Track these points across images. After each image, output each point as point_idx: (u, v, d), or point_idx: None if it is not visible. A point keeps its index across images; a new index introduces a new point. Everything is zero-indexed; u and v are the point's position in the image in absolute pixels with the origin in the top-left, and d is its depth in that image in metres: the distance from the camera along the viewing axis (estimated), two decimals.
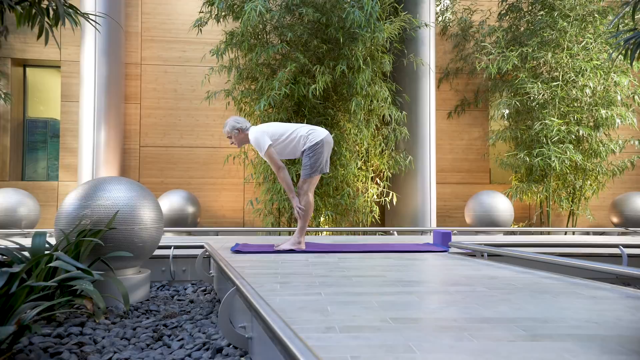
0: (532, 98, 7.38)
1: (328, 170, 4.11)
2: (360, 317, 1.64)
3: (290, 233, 6.83)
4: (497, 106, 7.49)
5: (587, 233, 7.37)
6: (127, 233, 2.73)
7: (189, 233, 7.27)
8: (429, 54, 7.57)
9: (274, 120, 6.76)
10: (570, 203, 7.28)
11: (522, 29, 7.91)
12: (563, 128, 6.78)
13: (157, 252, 3.62)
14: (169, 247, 3.55)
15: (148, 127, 8.47)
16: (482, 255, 3.59)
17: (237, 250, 3.86)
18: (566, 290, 2.14)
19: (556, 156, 6.66)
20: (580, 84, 6.76)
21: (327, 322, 1.58)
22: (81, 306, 2.35)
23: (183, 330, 2.24)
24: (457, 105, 9.22)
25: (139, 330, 2.15)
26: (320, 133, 3.99)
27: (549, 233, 7.39)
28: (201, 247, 3.51)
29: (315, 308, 1.79)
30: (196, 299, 3.11)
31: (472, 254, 3.77)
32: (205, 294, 3.34)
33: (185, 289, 3.48)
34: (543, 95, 7.01)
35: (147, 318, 2.48)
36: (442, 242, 4.41)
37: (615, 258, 4.11)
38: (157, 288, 3.47)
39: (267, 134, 3.92)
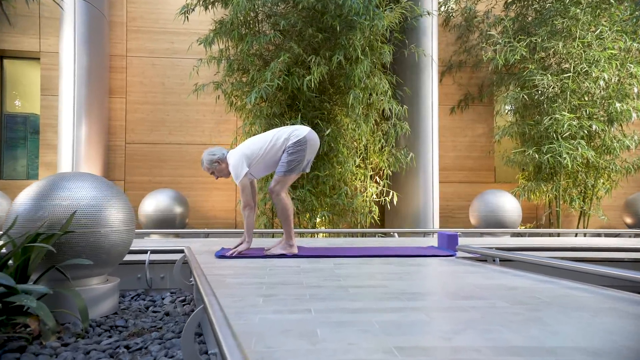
0: (540, 91, 7.08)
1: (309, 170, 3.80)
2: (358, 346, 1.32)
3: None
4: (504, 100, 7.18)
5: (599, 235, 7.07)
6: (90, 237, 2.41)
7: (177, 235, 6.95)
8: (431, 44, 7.25)
9: (266, 115, 6.44)
10: (582, 203, 6.97)
11: (530, 18, 7.60)
12: (574, 123, 6.46)
13: (132, 257, 3.30)
14: (145, 252, 3.23)
15: (134, 122, 8.15)
16: (494, 261, 3.28)
17: (221, 255, 3.54)
18: (603, 306, 1.82)
19: (567, 153, 6.35)
20: (593, 75, 6.44)
21: (315, 353, 1.26)
22: (25, 326, 2.03)
23: (147, 353, 1.92)
24: (461, 100, 8.92)
25: (92, 355, 1.83)
26: (303, 130, 3.69)
27: (558, 235, 7.08)
28: (181, 251, 3.19)
29: (301, 331, 1.47)
30: (172, 311, 2.79)
31: (482, 258, 3.46)
32: (184, 305, 3.02)
33: (163, 299, 3.16)
34: (553, 87, 6.70)
35: (110, 337, 2.16)
36: (448, 246, 4.10)
37: (634, 263, 3.80)
38: (132, 298, 3.15)
39: (245, 158, 3.63)
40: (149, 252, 3.20)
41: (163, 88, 8.25)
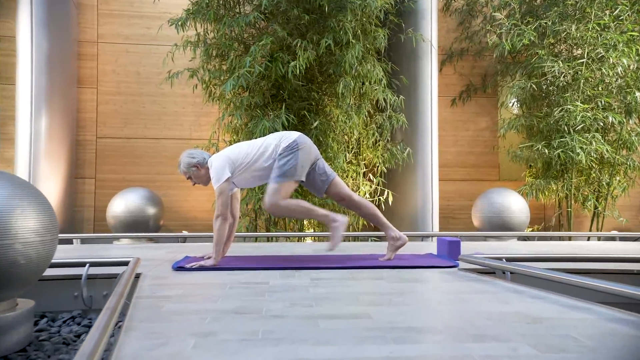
0: (550, 80, 6.58)
1: (304, 179, 3.29)
2: None
3: (269, 239, 6.02)
4: (510, 90, 6.66)
5: (613, 238, 6.58)
6: None
7: (150, 239, 6.44)
8: (430, 28, 6.75)
9: (248, 106, 5.93)
10: (595, 202, 6.48)
11: (539, 0, 7.09)
12: (589, 114, 5.97)
13: (68, 271, 2.79)
14: (82, 265, 2.71)
15: (106, 115, 7.61)
16: (504, 273, 2.78)
17: (180, 266, 3.03)
18: None
19: (581, 147, 5.86)
20: (611, 61, 5.94)
21: None
22: None
23: None
24: (462, 92, 8.42)
25: None
26: (294, 134, 3.29)
27: (569, 239, 6.60)
28: (124, 264, 2.68)
29: None
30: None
31: (489, 270, 2.97)
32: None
33: None
34: (564, 76, 6.20)
35: None
36: (449, 254, 3.60)
37: None
38: (64, 322, 2.64)
39: (229, 162, 3.19)
40: (87, 264, 2.69)
41: (138, 78, 7.72)
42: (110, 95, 7.62)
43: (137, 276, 2.76)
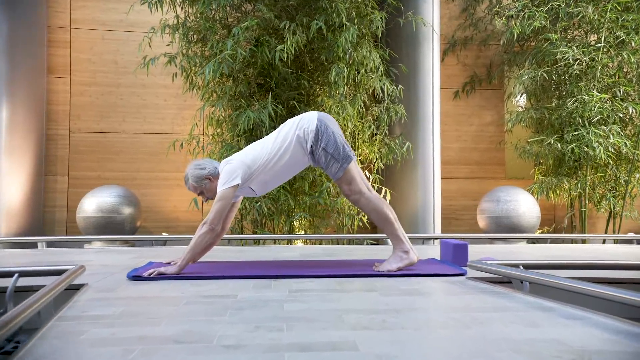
0: (562, 69, 6.17)
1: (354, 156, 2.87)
2: None
3: (256, 242, 5.59)
4: (519, 79, 6.24)
5: (630, 241, 6.17)
6: None
7: (126, 242, 6.02)
8: (432, 11, 6.34)
9: (231, 96, 5.50)
10: (612, 201, 6.06)
11: None
12: (607, 105, 5.55)
13: None
14: (10, 275, 2.28)
15: (81, 107, 7.18)
16: (521, 283, 2.36)
17: (135, 275, 2.60)
18: None
19: (598, 141, 5.44)
20: (632, 45, 5.52)
21: None
22: None
23: None
24: (466, 83, 8.02)
25: None
26: (309, 113, 2.86)
27: (583, 241, 6.19)
28: (59, 273, 2.25)
29: None
30: None
31: (501, 279, 2.56)
32: None
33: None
34: (579, 63, 5.78)
35: None
36: (454, 259, 3.18)
37: None
38: None
39: (244, 168, 2.77)
40: (16, 275, 2.26)
41: (115, 67, 7.30)
42: (84, 85, 7.20)
43: (79, 288, 2.33)
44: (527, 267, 2.54)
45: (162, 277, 2.59)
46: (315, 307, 1.89)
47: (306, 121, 2.79)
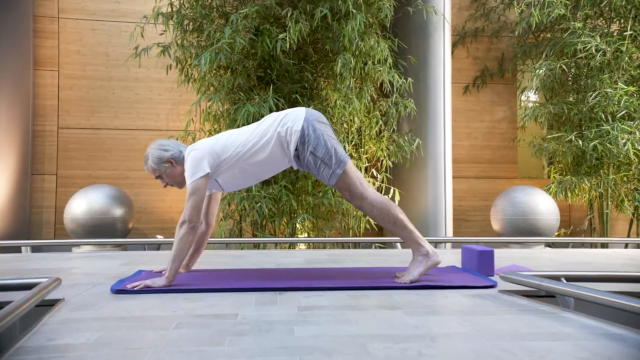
0: (580, 62, 5.87)
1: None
2: None
3: (257, 246, 5.30)
4: (536, 70, 5.93)
5: None
6: None
7: (118, 245, 5.73)
8: (443, 0, 6.04)
9: (229, 89, 5.21)
10: (637, 202, 5.76)
11: None
12: (634, 99, 5.25)
13: None
14: None
15: (70, 102, 6.88)
16: (566, 298, 2.07)
17: (120, 289, 2.31)
18: None
19: (624, 137, 5.15)
20: None
21: None
22: None
23: None
24: (477, 77, 7.74)
25: None
26: (296, 110, 2.54)
27: (602, 245, 5.90)
28: (30, 287, 1.95)
29: None
30: None
31: (537, 291, 2.27)
32: None
33: None
34: (603, 54, 5.48)
35: None
36: (480, 268, 2.89)
37: None
38: None
39: (211, 155, 2.47)
40: None
41: (107, 59, 7.00)
42: (74, 79, 6.90)
43: (53, 304, 2.04)
44: (570, 279, 2.25)
45: (149, 290, 2.29)
46: (330, 332, 1.60)
47: (291, 119, 2.46)
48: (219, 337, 1.54)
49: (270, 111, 4.94)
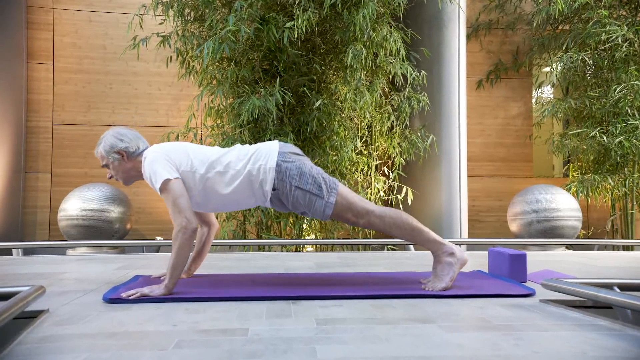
0: (603, 54, 5.62)
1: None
2: None
3: (262, 248, 5.08)
4: (557, 63, 5.67)
5: None
6: None
7: (115, 247, 5.51)
8: None
9: (233, 82, 4.98)
10: None
11: None
12: None
13: None
14: None
15: (65, 97, 6.66)
16: (626, 311, 1.83)
17: (113, 298, 2.07)
18: None
19: None
20: None
21: None
22: None
23: None
24: (490, 72, 7.50)
25: None
26: (266, 145, 2.30)
27: (626, 248, 5.65)
28: (8, 296, 1.71)
29: None
30: None
31: (583, 301, 2.03)
32: None
33: None
34: (630, 44, 5.23)
35: None
36: (511, 274, 2.65)
37: None
38: None
39: (170, 161, 2.19)
40: None
41: (104, 52, 6.78)
42: (69, 73, 6.67)
43: (35, 316, 1.81)
44: (622, 287, 2.01)
45: (145, 299, 2.06)
46: (360, 353, 1.37)
47: (263, 155, 2.21)
48: (229, 355, 1.31)
49: (277, 105, 4.72)
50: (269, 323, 1.72)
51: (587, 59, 5.56)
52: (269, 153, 2.22)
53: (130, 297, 2.04)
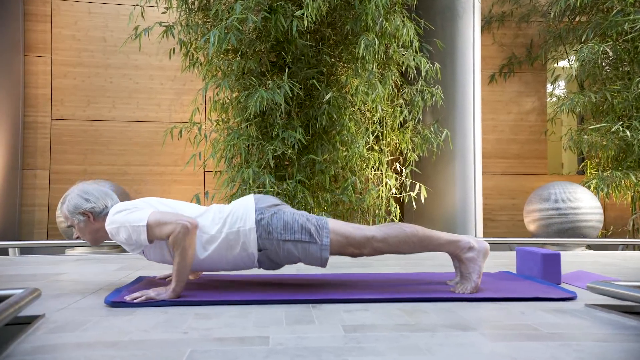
0: (625, 46, 5.45)
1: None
2: None
3: None
4: (580, 52, 5.49)
5: None
6: None
7: (116, 247, 5.32)
8: None
9: (239, 74, 4.81)
10: None
11: None
12: None
13: None
14: None
15: (64, 91, 6.51)
16: None
17: (116, 301, 1.90)
18: None
19: None
20: None
21: None
22: None
23: None
24: (503, 66, 7.33)
25: None
26: (239, 203, 2.14)
27: None
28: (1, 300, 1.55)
29: None
30: None
31: (630, 305, 1.86)
32: None
33: None
34: None
35: None
36: (545, 275, 2.47)
37: None
38: None
39: (135, 207, 2.04)
40: None
41: (104, 45, 6.61)
42: (68, 66, 6.52)
43: (30, 321, 1.64)
44: None
45: (151, 303, 1.89)
46: None
47: (239, 216, 2.04)
48: None
49: (285, 98, 4.55)
50: (290, 330, 1.55)
51: (608, 50, 5.39)
52: (245, 212, 2.05)
53: (135, 301, 1.88)
